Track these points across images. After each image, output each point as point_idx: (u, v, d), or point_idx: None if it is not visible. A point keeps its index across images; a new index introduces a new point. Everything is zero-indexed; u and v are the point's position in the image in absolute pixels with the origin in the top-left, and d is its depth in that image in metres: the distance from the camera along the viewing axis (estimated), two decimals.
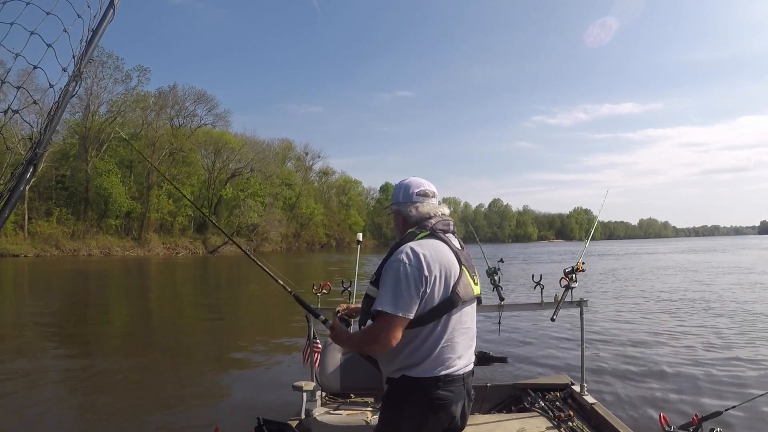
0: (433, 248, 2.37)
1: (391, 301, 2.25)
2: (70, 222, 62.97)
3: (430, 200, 2.58)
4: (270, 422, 3.88)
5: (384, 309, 2.25)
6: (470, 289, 2.44)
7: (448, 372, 2.34)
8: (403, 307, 2.24)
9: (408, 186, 2.60)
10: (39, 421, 6.56)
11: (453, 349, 2.37)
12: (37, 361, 9.81)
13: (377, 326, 2.31)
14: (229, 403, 7.08)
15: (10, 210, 1.63)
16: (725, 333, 10.98)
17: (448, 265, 2.36)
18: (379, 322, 2.30)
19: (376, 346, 2.32)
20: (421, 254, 2.30)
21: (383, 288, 2.30)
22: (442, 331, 2.35)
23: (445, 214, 2.56)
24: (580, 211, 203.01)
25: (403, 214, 2.58)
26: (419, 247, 2.34)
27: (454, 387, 2.36)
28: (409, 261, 2.29)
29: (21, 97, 1.84)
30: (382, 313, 2.26)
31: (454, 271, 2.37)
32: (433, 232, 2.45)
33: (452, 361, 2.36)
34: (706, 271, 28.20)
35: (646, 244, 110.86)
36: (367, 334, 2.38)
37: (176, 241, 71.20)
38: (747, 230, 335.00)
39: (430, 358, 2.32)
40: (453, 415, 2.37)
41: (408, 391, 2.35)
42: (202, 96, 76.94)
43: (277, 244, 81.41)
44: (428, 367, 2.32)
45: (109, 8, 1.91)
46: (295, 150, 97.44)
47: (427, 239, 2.42)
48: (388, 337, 2.26)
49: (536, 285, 4.72)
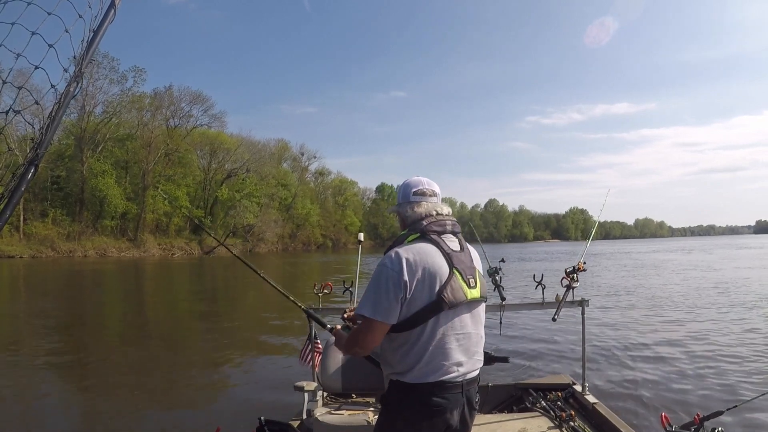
0: (418, 252, 2.31)
1: (370, 306, 2.26)
2: (66, 223, 62.72)
3: (428, 199, 2.51)
4: (271, 422, 3.85)
5: (363, 313, 2.28)
6: (462, 293, 2.33)
7: (443, 379, 2.29)
8: (381, 312, 2.24)
9: (407, 186, 2.56)
10: (38, 422, 6.53)
11: (446, 355, 2.30)
12: (35, 362, 9.75)
13: (357, 329, 2.39)
14: (231, 403, 7.07)
15: (11, 211, 1.62)
16: (726, 332, 11.03)
17: (433, 269, 2.29)
18: (360, 325, 2.36)
19: (357, 349, 2.39)
20: (403, 258, 2.27)
21: (366, 292, 2.33)
22: (430, 336, 2.29)
23: (442, 213, 2.48)
24: (576, 211, 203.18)
25: (401, 215, 2.56)
26: (404, 251, 2.31)
27: (450, 394, 2.30)
28: (390, 265, 2.27)
29: (15, 96, 1.83)
30: (362, 317, 2.31)
31: (441, 274, 2.30)
32: (423, 234, 2.39)
33: (447, 368, 2.29)
34: (705, 271, 28.28)
35: (643, 244, 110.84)
36: (349, 338, 2.47)
37: (172, 242, 71.00)
38: (743, 230, 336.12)
39: (420, 363, 2.28)
40: (449, 423, 2.32)
41: (402, 397, 2.32)
42: (197, 97, 76.93)
43: (273, 244, 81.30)
44: (420, 374, 2.28)
45: (110, 8, 1.89)
46: (290, 150, 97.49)
47: (416, 242, 2.37)
48: (365, 341, 2.32)
49: (537, 285, 4.72)
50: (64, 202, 64.71)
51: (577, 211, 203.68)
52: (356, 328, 2.41)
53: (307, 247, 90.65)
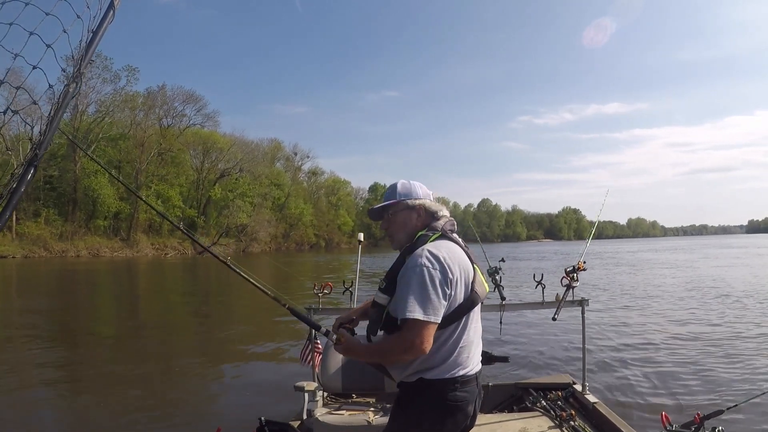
0: (449, 250, 2.36)
1: (421, 307, 2.19)
2: (58, 223, 62.37)
3: (435, 201, 2.58)
4: (272, 423, 3.84)
5: (415, 316, 2.18)
6: (483, 287, 2.45)
7: (465, 372, 2.34)
8: (433, 312, 2.20)
9: (411, 185, 2.57)
10: (32, 424, 6.48)
11: (468, 349, 2.38)
12: (27, 363, 9.67)
13: (409, 334, 2.21)
14: (231, 403, 7.03)
15: (10, 211, 1.61)
16: (727, 331, 11.05)
17: (465, 266, 2.36)
18: (410, 329, 2.20)
19: (410, 355, 2.23)
20: (441, 257, 2.28)
21: (410, 294, 2.22)
22: (462, 331, 2.35)
23: (446, 214, 2.56)
24: (569, 211, 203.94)
25: (415, 211, 2.51)
26: (437, 249, 2.31)
27: (470, 387, 2.36)
28: (432, 265, 2.25)
29: (9, 96, 1.81)
30: (412, 321, 2.19)
31: (469, 271, 2.38)
32: (444, 234, 2.44)
33: (467, 361, 2.36)
34: (705, 271, 28.40)
35: (634, 244, 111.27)
36: (398, 344, 2.26)
37: (165, 241, 70.72)
38: (735, 229, 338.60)
39: (450, 359, 2.31)
40: (468, 415, 2.37)
41: (424, 394, 2.32)
42: (190, 96, 76.69)
43: (266, 244, 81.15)
44: (446, 369, 2.30)
45: (109, 9, 1.89)
46: (284, 150, 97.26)
47: (441, 240, 2.40)
48: (423, 344, 2.19)
49: (537, 284, 4.72)
50: (57, 201, 64.34)
51: (570, 210, 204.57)
52: (403, 332, 2.23)
53: (300, 246, 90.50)
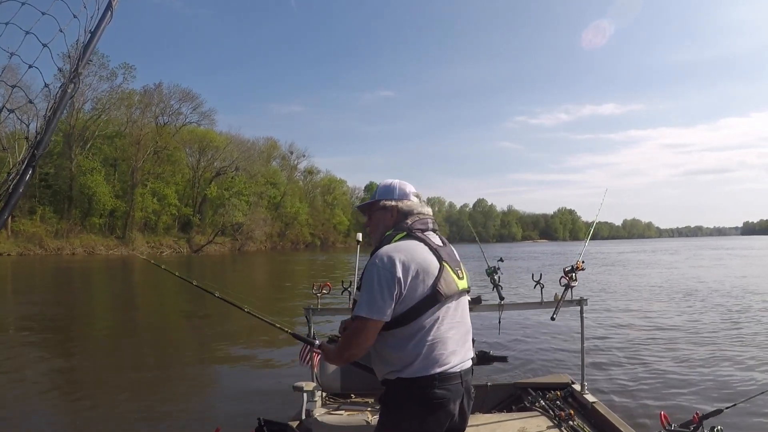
0: (408, 249, 2.39)
1: (366, 306, 2.30)
2: (54, 220, 62.28)
3: (413, 199, 2.62)
4: (270, 423, 3.84)
5: (360, 314, 2.31)
6: (454, 284, 2.44)
7: (443, 370, 2.34)
8: (376, 311, 2.28)
9: (392, 186, 2.65)
10: (27, 424, 6.44)
11: (443, 346, 2.37)
12: (21, 362, 9.63)
13: (350, 330, 2.40)
14: (230, 403, 6.99)
15: (9, 212, 1.59)
16: (726, 331, 11.06)
17: (425, 264, 2.37)
18: (354, 327, 2.36)
19: (353, 350, 2.39)
20: (395, 257, 2.33)
21: (361, 293, 2.36)
22: (430, 328, 2.36)
23: (423, 212, 2.59)
24: (564, 212, 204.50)
25: (383, 215, 2.61)
26: (394, 249, 2.38)
27: (451, 385, 2.36)
28: (382, 264, 2.32)
29: (5, 94, 1.81)
30: (357, 318, 2.33)
31: (432, 268, 2.38)
32: (409, 232, 2.49)
33: (445, 358, 2.36)
34: (704, 271, 28.50)
35: (629, 245, 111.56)
36: (344, 341, 2.47)
37: (161, 239, 70.78)
38: (730, 231, 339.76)
39: (420, 356, 2.33)
40: (452, 413, 2.37)
41: (404, 392, 2.36)
42: (187, 94, 76.83)
43: (262, 243, 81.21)
44: (421, 367, 2.33)
45: (107, 10, 1.88)
46: (280, 149, 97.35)
47: (404, 240, 2.45)
48: (359, 340, 2.34)
49: (536, 284, 4.71)
50: (53, 199, 64.28)
51: (566, 211, 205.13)
52: (348, 331, 2.42)
53: (296, 245, 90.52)
